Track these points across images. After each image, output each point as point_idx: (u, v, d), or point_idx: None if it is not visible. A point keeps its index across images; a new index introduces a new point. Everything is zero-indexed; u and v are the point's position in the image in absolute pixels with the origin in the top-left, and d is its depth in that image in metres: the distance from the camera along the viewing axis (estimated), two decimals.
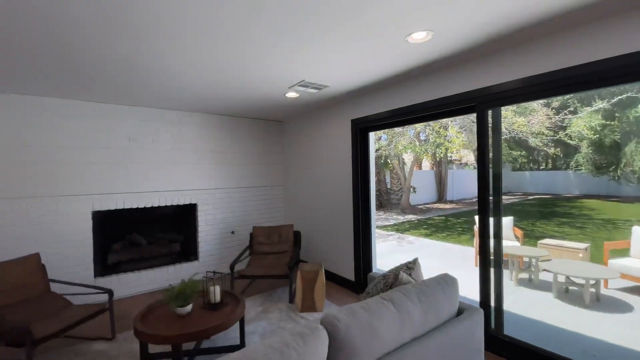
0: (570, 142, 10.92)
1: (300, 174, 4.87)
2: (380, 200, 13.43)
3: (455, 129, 9.88)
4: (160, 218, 4.58)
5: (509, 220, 5.24)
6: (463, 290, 2.49)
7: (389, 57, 2.50)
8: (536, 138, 9.78)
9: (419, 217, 11.01)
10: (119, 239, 4.24)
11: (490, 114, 2.53)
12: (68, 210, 3.53)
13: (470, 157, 16.89)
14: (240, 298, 2.62)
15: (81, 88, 3.12)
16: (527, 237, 6.92)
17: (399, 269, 1.99)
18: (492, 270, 2.55)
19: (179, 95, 3.46)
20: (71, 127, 3.54)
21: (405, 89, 3.16)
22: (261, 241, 4.30)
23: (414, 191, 13.03)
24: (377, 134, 10.36)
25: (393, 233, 8.67)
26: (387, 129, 8.89)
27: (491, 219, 2.53)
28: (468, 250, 6.52)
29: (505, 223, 4.85)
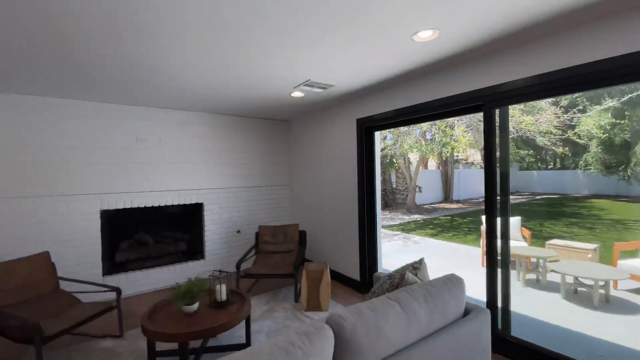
0: (579, 141, 10.77)
1: (306, 173, 4.87)
2: (385, 199, 13.39)
3: (461, 128, 9.81)
4: (167, 217, 4.62)
5: (517, 220, 5.18)
6: (470, 291, 2.47)
7: (395, 56, 2.49)
8: (544, 137, 9.66)
9: (425, 217, 10.94)
10: (127, 238, 4.29)
11: (497, 112, 2.51)
12: (77, 209, 3.57)
13: (476, 157, 16.75)
14: (246, 297, 2.64)
15: (87, 88, 3.12)
16: (535, 238, 6.84)
17: (404, 269, 1.99)
18: (499, 270, 2.52)
19: (185, 95, 3.47)
20: (79, 127, 3.58)
21: (411, 88, 3.14)
22: (267, 240, 4.31)
23: (420, 191, 12.95)
24: (383, 133, 10.31)
25: (399, 233, 8.63)
26: (393, 128, 8.86)
27: (498, 219, 2.51)
28: (474, 250, 6.46)
29: (512, 223, 4.79)
